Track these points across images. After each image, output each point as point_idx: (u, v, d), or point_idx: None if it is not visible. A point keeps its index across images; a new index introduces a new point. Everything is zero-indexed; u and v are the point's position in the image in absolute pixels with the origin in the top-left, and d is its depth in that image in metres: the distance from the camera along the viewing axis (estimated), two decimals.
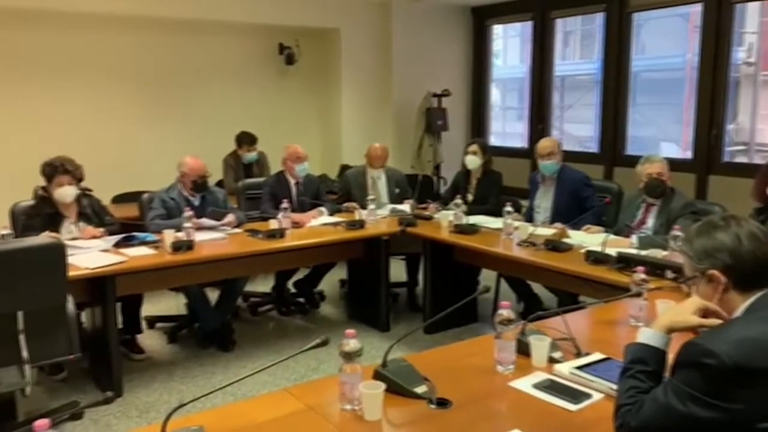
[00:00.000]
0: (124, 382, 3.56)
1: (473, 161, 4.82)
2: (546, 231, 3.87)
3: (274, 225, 4.18)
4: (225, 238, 4.01)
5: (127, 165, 5.75)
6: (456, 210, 4.28)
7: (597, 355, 2.04)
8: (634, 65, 6.16)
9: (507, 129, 8.45)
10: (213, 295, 4.31)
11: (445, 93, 7.00)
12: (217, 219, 4.15)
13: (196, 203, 4.23)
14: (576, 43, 8.99)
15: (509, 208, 4.01)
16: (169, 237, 3.66)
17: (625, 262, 3.08)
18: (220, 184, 5.45)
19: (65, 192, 3.75)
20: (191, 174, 4.21)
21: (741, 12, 5.55)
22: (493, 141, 7.67)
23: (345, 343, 1.73)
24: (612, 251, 3.22)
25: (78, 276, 3.18)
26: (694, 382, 1.31)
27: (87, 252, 3.51)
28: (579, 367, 1.94)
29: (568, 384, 1.89)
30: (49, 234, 3.52)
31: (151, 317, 4.54)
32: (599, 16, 6.40)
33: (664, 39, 7.42)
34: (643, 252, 3.26)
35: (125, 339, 3.99)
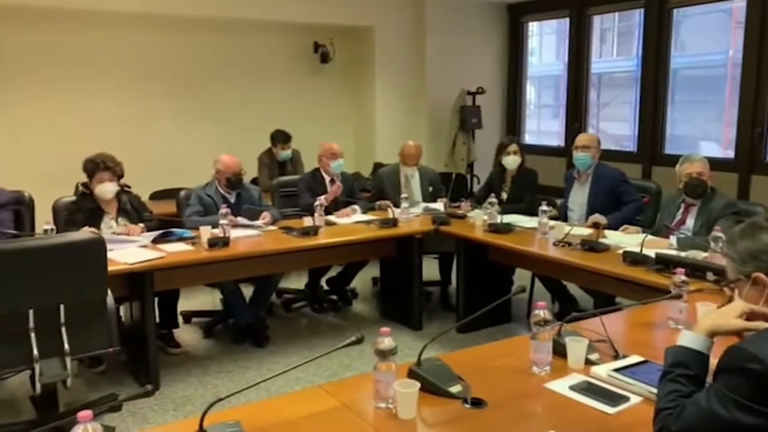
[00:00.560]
0: (160, 375, 3.62)
1: (514, 161, 4.77)
2: (582, 231, 3.82)
3: (308, 222, 4.21)
4: (260, 234, 4.05)
5: (165, 162, 5.85)
6: (490, 209, 4.25)
7: (635, 358, 2.01)
8: (673, 62, 6.04)
9: (542, 127, 8.35)
10: (247, 292, 4.36)
11: (480, 91, 6.97)
12: (253, 218, 4.19)
13: (231, 200, 4.28)
14: (613, 40, 8.84)
15: (545, 207, 3.97)
16: (206, 233, 3.72)
17: (664, 263, 3.02)
18: (254, 181, 5.51)
19: (106, 188, 3.82)
20: (226, 171, 4.26)
21: None
22: (528, 139, 7.60)
23: (380, 341, 1.73)
24: (650, 252, 3.16)
25: (117, 271, 3.24)
26: (738, 387, 1.28)
27: (126, 247, 3.58)
28: (617, 370, 1.91)
29: (605, 386, 1.86)
30: (90, 229, 3.60)
31: (187, 312, 4.61)
32: (638, 12, 6.29)
33: (704, 35, 7.23)
34: (683, 253, 3.19)
35: (162, 333, 4.06)
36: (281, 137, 5.87)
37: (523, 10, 7.34)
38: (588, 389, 1.84)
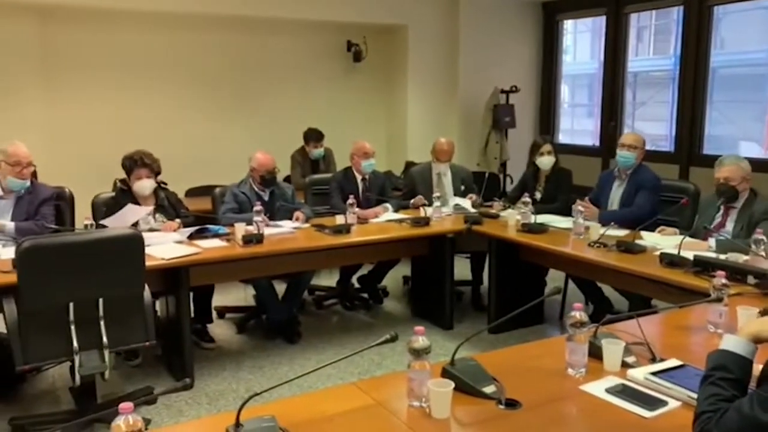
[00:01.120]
0: (194, 369, 3.67)
1: (549, 161, 4.72)
2: (618, 232, 3.76)
3: (340, 220, 4.23)
4: (293, 232, 4.08)
5: (200, 160, 5.94)
6: (524, 208, 4.21)
7: (673, 362, 1.97)
8: (712, 61, 5.92)
9: (575, 126, 8.25)
10: (280, 289, 4.40)
11: (513, 89, 6.91)
12: (286, 217, 4.25)
13: (265, 198, 4.33)
14: (650, 39, 8.70)
15: (581, 207, 3.92)
16: (240, 230, 3.76)
17: (703, 265, 2.96)
18: (287, 179, 5.55)
19: (144, 185, 3.90)
20: (260, 169, 4.30)
21: None
22: (562, 138, 7.52)
23: (414, 340, 1.73)
24: (688, 254, 3.10)
25: (154, 266, 3.29)
26: None
27: (163, 243, 3.64)
28: (654, 373, 1.87)
29: (642, 390, 1.83)
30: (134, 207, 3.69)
31: (221, 308, 4.67)
32: (676, 10, 6.18)
33: (745, 33, 7.07)
34: (722, 256, 3.12)
35: (196, 328, 4.12)
36: (314, 135, 5.91)
37: (559, 8, 7.26)
38: (624, 392, 1.81)
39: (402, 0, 6.67)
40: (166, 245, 3.60)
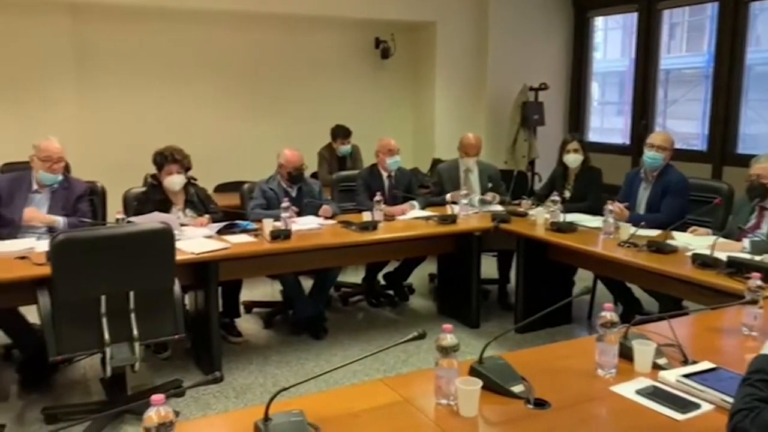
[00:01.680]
0: (222, 363, 3.71)
1: (576, 159, 4.66)
2: (648, 232, 3.71)
3: (367, 217, 4.24)
4: (320, 228, 4.10)
5: (229, 156, 5.99)
6: (553, 207, 4.17)
7: (706, 364, 1.93)
8: (748, 58, 5.79)
9: (605, 124, 8.15)
10: (306, 285, 4.42)
11: (543, 87, 6.84)
12: (313, 212, 4.27)
13: (293, 194, 4.35)
14: (682, 36, 8.54)
15: (611, 206, 3.87)
16: (268, 226, 3.79)
17: (736, 267, 2.90)
18: (314, 176, 5.57)
19: (174, 180, 3.95)
20: (287, 165, 4.33)
21: None
22: (591, 137, 7.43)
23: (442, 338, 1.73)
24: (721, 255, 3.04)
25: (184, 260, 3.33)
26: None
27: (192, 238, 3.68)
28: (686, 375, 1.84)
29: (674, 392, 1.80)
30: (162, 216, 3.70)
31: (249, 302, 4.71)
32: (710, 6, 6.06)
33: None
34: (757, 257, 3.06)
35: (224, 322, 4.16)
36: (341, 132, 5.93)
37: (589, 4, 7.17)
38: (655, 394, 1.79)
39: None
40: (195, 240, 3.65)
